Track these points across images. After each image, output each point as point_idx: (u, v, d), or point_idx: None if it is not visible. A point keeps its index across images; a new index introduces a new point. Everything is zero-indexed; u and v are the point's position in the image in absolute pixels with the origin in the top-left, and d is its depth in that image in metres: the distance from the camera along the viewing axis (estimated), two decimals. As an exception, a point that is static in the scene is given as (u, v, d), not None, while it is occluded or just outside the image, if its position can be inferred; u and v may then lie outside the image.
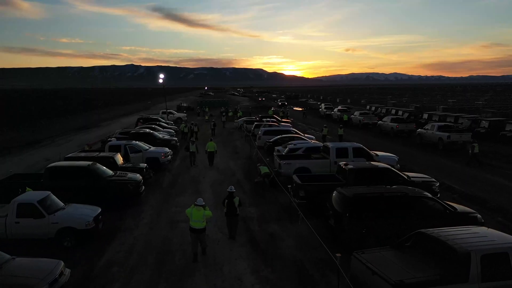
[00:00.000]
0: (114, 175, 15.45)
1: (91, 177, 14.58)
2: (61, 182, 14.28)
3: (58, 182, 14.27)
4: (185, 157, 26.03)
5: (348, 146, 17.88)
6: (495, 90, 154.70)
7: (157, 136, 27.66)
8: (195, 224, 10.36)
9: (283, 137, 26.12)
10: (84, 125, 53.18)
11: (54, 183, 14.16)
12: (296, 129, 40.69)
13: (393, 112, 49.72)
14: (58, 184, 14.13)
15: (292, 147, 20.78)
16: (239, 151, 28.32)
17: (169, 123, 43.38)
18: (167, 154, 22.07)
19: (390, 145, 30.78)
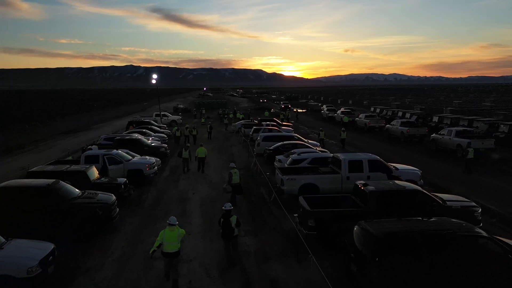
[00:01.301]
0: (80, 196, 12.68)
1: (51, 200, 11.80)
2: (12, 207, 11.52)
3: (8, 207, 11.52)
4: (176, 166, 23.32)
5: (362, 159, 15.12)
6: (498, 90, 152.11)
7: (145, 142, 24.93)
8: (169, 247, 8.94)
9: (285, 144, 23.40)
10: (74, 128, 50.43)
11: (3, 208, 11.42)
12: (298, 133, 38.11)
13: (399, 115, 47.04)
14: (9, 209, 11.41)
15: (296, 158, 18.05)
16: (236, 159, 25.54)
17: (162, 126, 40.64)
18: (152, 165, 19.31)
19: (401, 152, 28.10)
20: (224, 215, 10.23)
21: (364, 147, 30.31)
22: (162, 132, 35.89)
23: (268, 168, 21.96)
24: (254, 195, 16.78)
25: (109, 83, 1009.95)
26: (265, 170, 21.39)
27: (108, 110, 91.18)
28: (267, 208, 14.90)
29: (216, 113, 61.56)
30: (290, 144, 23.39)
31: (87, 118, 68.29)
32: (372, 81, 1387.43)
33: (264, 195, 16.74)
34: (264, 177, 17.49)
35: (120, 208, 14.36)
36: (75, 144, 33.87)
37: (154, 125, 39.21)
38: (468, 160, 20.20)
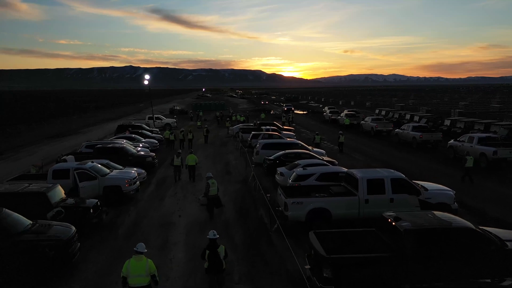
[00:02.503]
0: (30, 229, 9.93)
1: (-13, 236, 9.07)
2: None
3: None
4: (163, 179, 20.57)
5: (384, 177, 12.35)
6: (502, 91, 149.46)
7: (129, 151, 22.17)
8: (135, 281, 7.62)
9: (287, 153, 20.65)
10: (62, 132, 47.68)
11: None
12: (299, 137, 35.36)
13: (407, 118, 44.31)
14: None
15: (301, 173, 15.29)
16: (232, 169, 22.80)
17: (155, 131, 37.86)
18: (133, 180, 16.53)
19: (414, 160, 25.38)
20: (210, 245, 8.41)
21: (372, 154, 27.60)
22: (153, 137, 33.16)
23: (268, 182, 19.21)
24: (251, 219, 14.03)
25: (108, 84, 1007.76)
26: (265, 184, 18.65)
27: (104, 111, 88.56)
28: (267, 238, 12.13)
29: (214, 115, 58.70)
30: (293, 153, 20.65)
31: (79, 120, 65.57)
32: (372, 82, 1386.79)
33: (263, 218, 14.00)
34: (264, 193, 14.74)
35: (86, 239, 11.64)
36: (58, 150, 31.08)
37: (146, 129, 36.48)
38: (467, 169, 18.92)
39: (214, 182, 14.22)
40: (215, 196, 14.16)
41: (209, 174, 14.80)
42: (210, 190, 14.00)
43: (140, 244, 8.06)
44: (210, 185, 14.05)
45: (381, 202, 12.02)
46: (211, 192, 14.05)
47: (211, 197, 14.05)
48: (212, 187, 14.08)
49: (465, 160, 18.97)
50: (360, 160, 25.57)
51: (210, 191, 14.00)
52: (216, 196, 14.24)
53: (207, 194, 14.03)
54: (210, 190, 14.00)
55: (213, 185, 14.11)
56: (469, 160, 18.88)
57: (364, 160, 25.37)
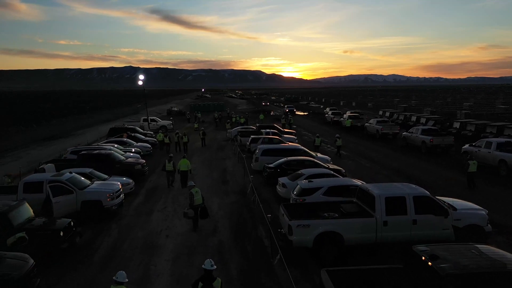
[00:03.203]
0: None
1: None
2: None
3: None
4: (153, 189, 18.72)
5: (405, 194, 10.49)
6: (503, 91, 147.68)
7: (117, 158, 20.31)
8: None
9: (289, 161, 18.80)
10: (54, 135, 45.82)
11: None
12: (301, 141, 33.50)
13: (413, 119, 42.46)
14: None
15: (306, 187, 13.42)
16: (230, 178, 20.93)
17: (148, 134, 36.00)
18: (116, 193, 14.66)
19: (425, 166, 23.57)
20: (204, 277, 7.00)
21: (378, 159, 25.76)
22: (147, 141, 31.32)
23: (268, 193, 17.36)
24: (250, 240, 12.17)
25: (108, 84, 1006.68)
26: (265, 196, 16.81)
27: (101, 112, 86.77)
28: (268, 266, 10.28)
29: (212, 117, 56.74)
30: (295, 161, 18.82)
31: (73, 122, 63.75)
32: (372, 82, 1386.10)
33: (263, 240, 12.14)
34: (264, 212, 12.90)
35: (53, 270, 9.79)
36: (45, 155, 29.27)
37: (139, 132, 34.64)
38: (470, 174, 18.05)
39: (198, 191, 13.08)
40: (201, 205, 12.98)
41: (191, 182, 13.53)
42: (194, 200, 12.79)
43: (121, 272, 7.08)
44: (194, 195, 12.86)
45: (402, 225, 10.20)
46: (196, 202, 12.86)
47: (197, 207, 12.85)
48: (197, 196, 12.92)
49: (468, 165, 18.03)
50: (367, 166, 23.74)
51: (195, 201, 12.79)
52: (202, 205, 13.05)
53: (193, 205, 12.77)
54: (195, 200, 12.80)
55: (197, 194, 12.96)
56: (472, 164, 17.96)
57: (371, 167, 23.55)
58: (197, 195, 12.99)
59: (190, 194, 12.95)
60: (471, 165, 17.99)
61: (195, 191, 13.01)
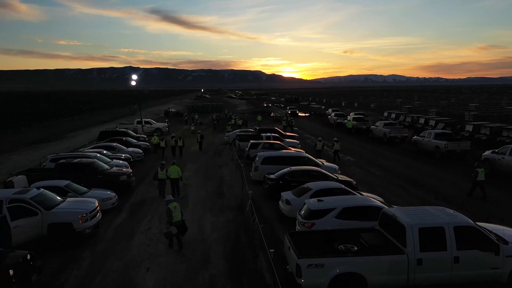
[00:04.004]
0: None
1: None
2: None
3: None
4: (139, 204, 16.53)
5: (444, 224, 8.30)
6: (506, 92, 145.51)
7: (100, 167, 18.14)
8: None
9: (293, 171, 16.62)
10: (45, 137, 43.69)
11: None
12: (304, 145, 31.35)
13: (421, 122, 40.31)
14: None
15: (315, 207, 11.22)
16: (226, 189, 18.74)
17: (141, 137, 33.80)
18: (91, 212, 12.46)
19: (439, 174, 21.42)
20: None
21: (389, 166, 23.59)
22: (139, 146, 29.15)
23: (270, 209, 15.18)
24: (248, 274, 9.99)
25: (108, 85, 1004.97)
26: (266, 212, 14.66)
27: (97, 113, 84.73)
28: None
29: (210, 118, 54.40)
30: (300, 172, 16.65)
31: (68, 123, 61.65)
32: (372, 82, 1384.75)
33: (264, 274, 9.97)
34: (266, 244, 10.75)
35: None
36: (28, 161, 27.16)
37: (131, 136, 32.46)
38: (479, 183, 16.70)
39: (176, 206, 11.74)
40: (179, 222, 11.69)
41: (169, 196, 12.16)
42: (173, 217, 11.46)
43: None
44: (172, 210, 11.49)
45: (440, 263, 8.04)
46: (175, 218, 11.53)
47: (176, 224, 11.50)
48: (176, 212, 11.58)
49: (476, 173, 16.65)
50: (377, 174, 21.58)
51: (173, 217, 11.46)
52: (181, 221, 11.80)
53: (171, 222, 11.42)
54: (174, 217, 11.48)
55: (176, 209, 11.62)
56: (481, 173, 16.63)
57: (381, 175, 21.39)
58: (176, 211, 11.60)
59: (168, 210, 11.48)
60: (479, 173, 16.58)
61: (173, 207, 11.57)
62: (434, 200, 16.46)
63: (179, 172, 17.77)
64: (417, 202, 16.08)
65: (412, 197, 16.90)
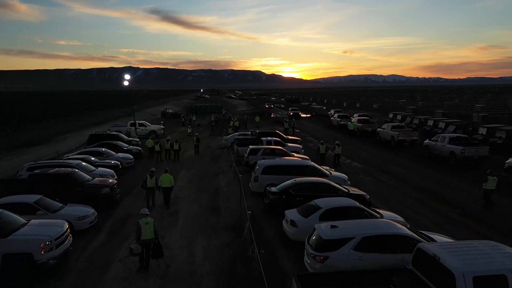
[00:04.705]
0: None
1: None
2: None
3: None
4: (123, 220, 14.49)
5: (505, 271, 6.28)
6: (510, 92, 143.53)
7: (80, 178, 16.06)
8: None
9: (298, 184, 14.55)
10: (34, 140, 41.67)
11: None
12: (307, 148, 29.31)
13: (429, 124, 38.31)
14: None
15: (329, 236, 9.11)
16: (222, 203, 16.66)
17: (134, 141, 31.72)
18: (58, 239, 10.38)
19: (459, 185, 19.35)
20: None
21: (400, 174, 21.55)
22: (129, 151, 27.08)
23: (272, 230, 13.11)
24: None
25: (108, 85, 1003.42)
26: (268, 234, 12.61)
27: (94, 113, 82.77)
28: None
29: (209, 120, 52.19)
30: (305, 184, 14.58)
31: (62, 124, 59.60)
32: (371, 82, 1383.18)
33: None
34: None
35: None
36: (8, 168, 25.12)
37: (123, 139, 30.40)
38: (488, 192, 15.37)
39: (148, 222, 10.33)
40: (151, 240, 10.25)
41: (144, 210, 10.73)
42: (142, 233, 10.12)
43: None
44: (142, 226, 10.16)
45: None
46: (144, 236, 10.17)
47: (144, 242, 10.15)
48: (146, 229, 10.19)
49: (486, 181, 15.36)
50: (389, 184, 19.53)
51: (142, 234, 10.12)
52: (153, 240, 10.31)
53: (139, 239, 10.11)
54: (142, 233, 10.13)
55: (146, 226, 10.21)
56: (492, 181, 15.27)
57: (394, 185, 19.35)
58: (146, 228, 10.21)
59: (137, 226, 10.23)
60: (490, 181, 15.24)
61: (144, 222, 10.26)
62: (460, 217, 14.43)
63: (171, 181, 16.27)
64: (442, 220, 14.03)
65: (435, 214, 14.84)
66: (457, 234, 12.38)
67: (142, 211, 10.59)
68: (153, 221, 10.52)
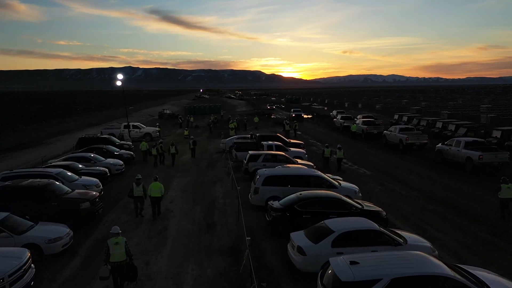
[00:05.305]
0: None
1: None
2: None
3: None
4: (101, 242, 12.58)
5: None
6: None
7: (57, 190, 14.19)
8: None
9: (304, 199, 12.68)
10: (24, 142, 39.87)
11: None
12: (309, 152, 27.49)
13: (438, 126, 36.45)
14: None
15: (348, 278, 7.19)
16: (218, 218, 14.78)
17: (126, 145, 29.86)
18: (16, 273, 8.50)
19: (484, 196, 17.44)
20: None
21: (413, 182, 19.69)
22: (120, 156, 25.23)
23: (275, 253, 11.26)
24: None
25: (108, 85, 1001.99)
26: (270, 260, 10.75)
27: (90, 114, 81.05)
28: None
29: (208, 121, 50.19)
30: (313, 199, 12.70)
31: (55, 126, 57.78)
32: (371, 82, 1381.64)
33: None
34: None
35: None
36: None
37: (114, 143, 28.56)
38: (505, 201, 14.05)
39: (119, 242, 9.17)
40: (122, 263, 9.06)
41: (115, 228, 9.41)
42: (111, 255, 9.03)
43: None
44: (111, 247, 9.05)
45: None
46: (114, 258, 9.04)
47: (115, 265, 8.99)
48: (116, 250, 9.07)
49: (498, 189, 14.18)
50: (404, 195, 17.66)
51: (111, 255, 9.03)
52: (126, 262, 9.12)
53: (108, 261, 9.04)
54: (112, 255, 9.04)
55: (116, 246, 9.10)
56: (506, 189, 14.01)
57: (409, 196, 17.50)
58: (117, 249, 9.04)
59: (106, 247, 9.13)
60: (503, 189, 14.06)
61: (113, 242, 9.10)
62: (491, 237, 12.58)
63: (162, 189, 14.81)
64: (472, 242, 12.16)
65: (460, 232, 12.98)
66: (496, 261, 10.55)
67: (113, 230, 9.35)
68: (125, 241, 9.22)
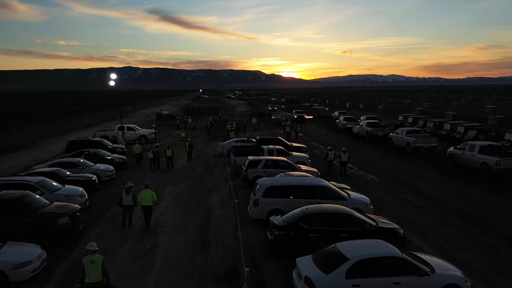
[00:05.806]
0: None
1: None
2: None
3: None
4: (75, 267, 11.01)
5: None
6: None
7: (33, 203, 12.63)
8: None
9: (311, 215, 11.15)
10: (14, 144, 38.28)
11: None
12: (312, 155, 25.95)
13: (446, 128, 34.93)
14: None
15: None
16: (214, 234, 13.22)
17: (119, 148, 28.31)
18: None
19: (501, 204, 15.93)
20: None
21: (426, 190, 18.16)
22: (111, 160, 23.71)
23: (279, 278, 9.71)
24: None
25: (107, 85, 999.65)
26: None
27: (88, 114, 79.46)
28: None
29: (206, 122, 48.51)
30: (321, 215, 11.16)
31: (51, 126, 56.19)
32: (371, 82, 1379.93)
33: None
34: None
35: None
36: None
37: (106, 146, 27.03)
38: None
39: (95, 260, 8.36)
40: (99, 284, 8.29)
41: (91, 244, 8.59)
42: (86, 275, 8.21)
43: None
44: (86, 266, 8.25)
45: None
46: (89, 278, 8.20)
47: (90, 286, 8.23)
48: (91, 269, 8.23)
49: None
50: (418, 206, 16.11)
51: (86, 276, 8.20)
52: (103, 283, 8.37)
53: (82, 282, 8.24)
54: (87, 276, 8.20)
55: (92, 265, 8.27)
56: None
57: (425, 207, 15.93)
58: (92, 268, 8.25)
59: (81, 267, 8.35)
60: None
61: (89, 261, 8.32)
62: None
63: (153, 197, 13.70)
64: (506, 266, 10.59)
65: (489, 253, 11.41)
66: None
67: (89, 247, 8.55)
68: (102, 259, 8.44)
